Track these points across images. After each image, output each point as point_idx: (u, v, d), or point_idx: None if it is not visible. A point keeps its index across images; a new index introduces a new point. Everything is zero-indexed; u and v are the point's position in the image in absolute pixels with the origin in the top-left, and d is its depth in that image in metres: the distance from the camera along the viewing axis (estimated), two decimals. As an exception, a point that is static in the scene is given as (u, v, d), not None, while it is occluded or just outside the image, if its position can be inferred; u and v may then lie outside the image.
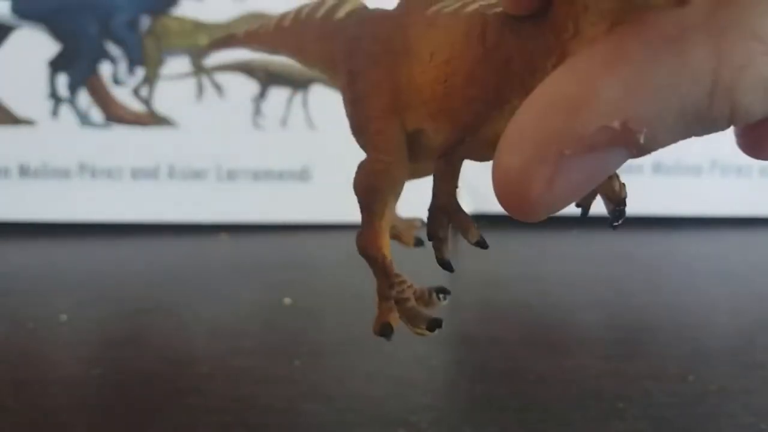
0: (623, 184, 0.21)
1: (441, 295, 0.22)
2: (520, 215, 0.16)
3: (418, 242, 0.25)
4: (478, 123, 0.19)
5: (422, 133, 0.21)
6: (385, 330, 0.22)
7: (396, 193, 0.22)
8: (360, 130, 0.22)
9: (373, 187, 0.21)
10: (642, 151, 0.16)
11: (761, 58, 0.15)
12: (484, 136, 0.19)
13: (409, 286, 0.22)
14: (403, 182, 0.22)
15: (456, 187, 0.19)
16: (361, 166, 0.22)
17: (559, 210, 0.17)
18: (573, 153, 0.16)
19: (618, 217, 0.22)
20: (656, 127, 0.15)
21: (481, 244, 0.19)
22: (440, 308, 0.22)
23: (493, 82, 0.18)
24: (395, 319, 0.22)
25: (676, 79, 0.15)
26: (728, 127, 0.16)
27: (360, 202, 0.22)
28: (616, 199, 0.21)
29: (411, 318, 0.21)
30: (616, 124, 0.15)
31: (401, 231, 0.25)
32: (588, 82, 0.16)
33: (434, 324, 0.22)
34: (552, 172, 0.16)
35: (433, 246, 0.20)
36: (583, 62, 0.16)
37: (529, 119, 0.16)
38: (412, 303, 0.22)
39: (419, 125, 0.21)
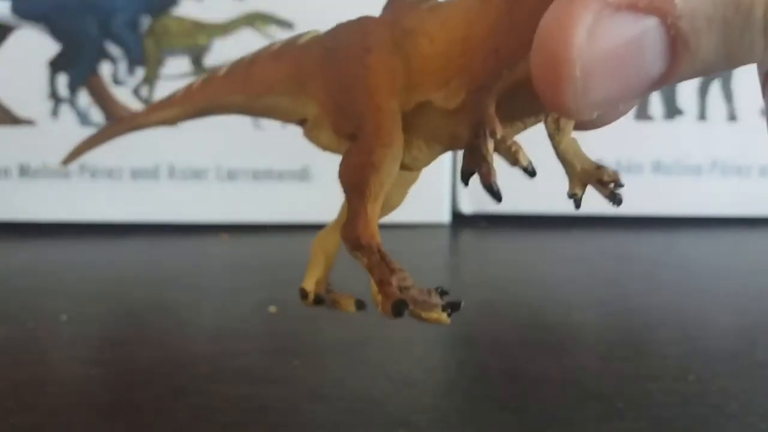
0: (615, 172, 0.22)
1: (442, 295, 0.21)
2: (558, 83, 0.17)
3: (359, 305, 0.25)
4: (504, 67, 0.19)
5: (427, 105, 0.21)
6: (399, 307, 0.20)
7: (392, 178, 0.21)
8: (353, 126, 0.22)
9: (369, 176, 0.21)
10: (679, 36, 0.16)
11: None
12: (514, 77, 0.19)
13: (408, 275, 0.21)
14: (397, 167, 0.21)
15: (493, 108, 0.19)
16: (353, 156, 0.21)
17: (595, 92, 0.17)
18: (615, 5, 0.16)
19: (614, 200, 0.22)
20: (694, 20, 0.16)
21: (530, 172, 0.19)
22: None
23: (518, 31, 0.18)
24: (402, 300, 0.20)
25: None
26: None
27: (351, 191, 0.21)
28: (608, 184, 0.21)
29: (422, 303, 0.20)
30: None
31: (338, 298, 0.25)
32: None
33: (452, 306, 0.21)
34: (594, 20, 0.16)
35: (480, 173, 0.19)
36: None
37: None
38: (417, 289, 0.21)
39: (424, 98, 0.21)
